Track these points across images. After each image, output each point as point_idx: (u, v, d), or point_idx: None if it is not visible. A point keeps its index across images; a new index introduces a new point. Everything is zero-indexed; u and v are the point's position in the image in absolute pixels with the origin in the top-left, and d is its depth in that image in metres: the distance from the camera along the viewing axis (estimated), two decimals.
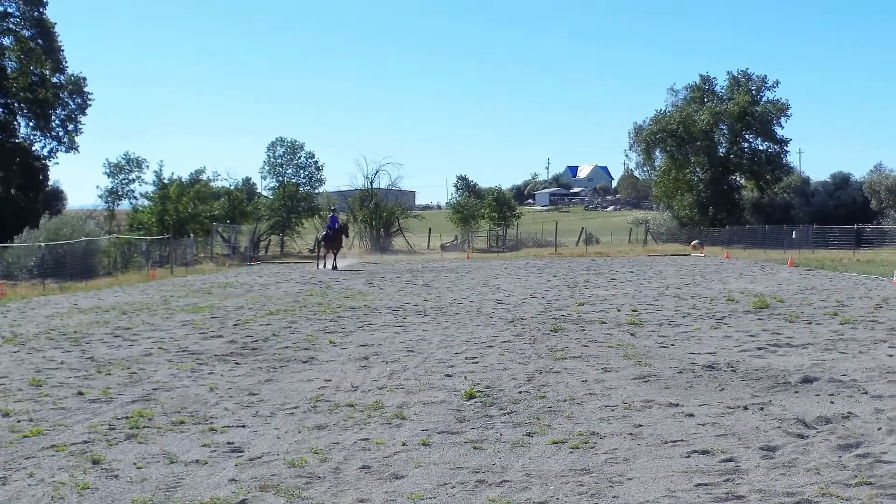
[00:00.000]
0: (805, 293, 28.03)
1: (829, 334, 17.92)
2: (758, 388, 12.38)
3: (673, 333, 18.36)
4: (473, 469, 8.45)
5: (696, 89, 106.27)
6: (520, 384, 12.81)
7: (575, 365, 14.47)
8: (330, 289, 32.25)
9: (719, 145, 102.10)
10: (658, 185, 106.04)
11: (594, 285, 32.93)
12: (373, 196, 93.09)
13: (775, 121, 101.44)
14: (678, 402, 11.49)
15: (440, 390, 12.40)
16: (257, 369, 14.42)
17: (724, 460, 8.67)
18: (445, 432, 9.92)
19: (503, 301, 26.18)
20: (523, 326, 19.77)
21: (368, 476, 8.27)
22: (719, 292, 28.69)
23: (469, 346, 16.84)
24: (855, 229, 73.12)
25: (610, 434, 9.75)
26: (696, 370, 13.82)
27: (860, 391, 12.10)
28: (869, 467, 8.36)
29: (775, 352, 15.74)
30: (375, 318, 21.77)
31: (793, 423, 10.20)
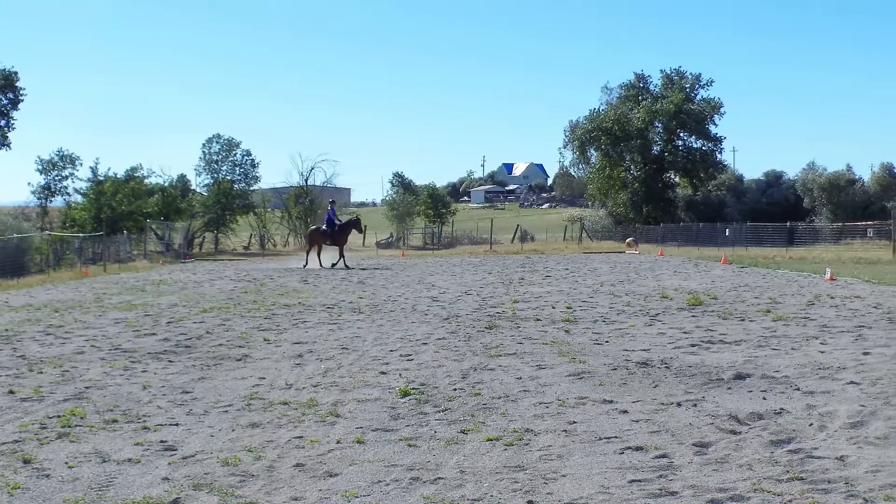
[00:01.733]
0: (738, 290, 28.24)
1: (762, 331, 18.07)
2: (691, 385, 12.47)
3: (607, 330, 18.44)
4: (408, 466, 8.45)
5: (630, 87, 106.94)
6: (454, 381, 12.83)
7: (509, 362, 14.51)
8: (264, 286, 32.17)
9: (654, 143, 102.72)
10: (593, 183, 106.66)
11: (529, 283, 33.02)
12: (308, 193, 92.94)
13: (709, 119, 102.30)
14: (612, 398, 11.54)
15: (375, 388, 12.39)
16: (191, 367, 14.34)
17: (658, 456, 8.72)
18: (380, 430, 9.91)
19: (438, 298, 26.22)
20: (458, 324, 19.80)
21: (302, 474, 8.25)
22: (653, 289, 28.87)
23: (404, 343, 16.84)
24: (788, 227, 73.81)
25: (544, 431, 9.78)
26: (630, 367, 13.89)
27: (792, 387, 12.21)
28: (800, 462, 8.44)
29: (708, 348, 15.87)
30: (310, 315, 21.72)
31: (726, 419, 10.27)
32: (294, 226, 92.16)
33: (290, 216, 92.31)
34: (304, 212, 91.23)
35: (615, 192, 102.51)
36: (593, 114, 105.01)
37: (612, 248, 74.89)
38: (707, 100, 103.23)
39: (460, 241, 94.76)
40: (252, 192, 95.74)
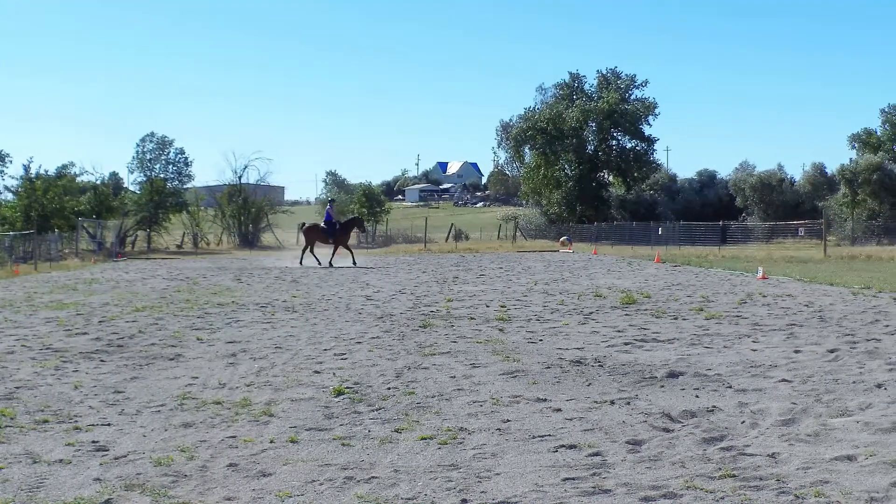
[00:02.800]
0: (671, 289, 28.42)
1: (695, 329, 18.19)
2: (624, 383, 12.52)
3: (541, 329, 18.49)
4: (342, 466, 8.43)
5: (565, 87, 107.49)
6: (388, 380, 12.81)
7: (443, 361, 14.51)
8: (198, 285, 31.99)
9: (588, 143, 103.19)
10: (527, 182, 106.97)
11: (463, 281, 33.07)
12: (241, 191, 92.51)
13: (643, 119, 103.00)
14: (546, 397, 11.57)
15: (308, 387, 12.35)
16: (123, 367, 14.22)
17: (591, 454, 8.75)
18: (314, 429, 9.88)
19: (372, 297, 26.19)
20: (392, 322, 19.78)
21: (236, 474, 8.20)
22: (587, 288, 28.99)
23: (338, 342, 16.80)
24: (720, 226, 74.53)
25: (478, 429, 9.78)
26: (563, 365, 13.93)
27: (724, 385, 12.29)
28: (733, 460, 8.49)
29: (642, 347, 15.95)
30: (243, 314, 21.63)
31: (658, 417, 10.32)
32: (227, 224, 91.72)
33: (224, 214, 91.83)
34: (237, 210, 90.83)
35: (549, 191, 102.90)
36: (528, 113, 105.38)
37: (546, 246, 75.11)
38: (641, 100, 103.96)
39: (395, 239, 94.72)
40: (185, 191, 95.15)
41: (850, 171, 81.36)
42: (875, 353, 14.97)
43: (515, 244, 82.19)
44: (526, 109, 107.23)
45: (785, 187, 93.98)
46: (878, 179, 78.99)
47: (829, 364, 13.95)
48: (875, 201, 79.56)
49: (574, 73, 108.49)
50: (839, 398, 11.33)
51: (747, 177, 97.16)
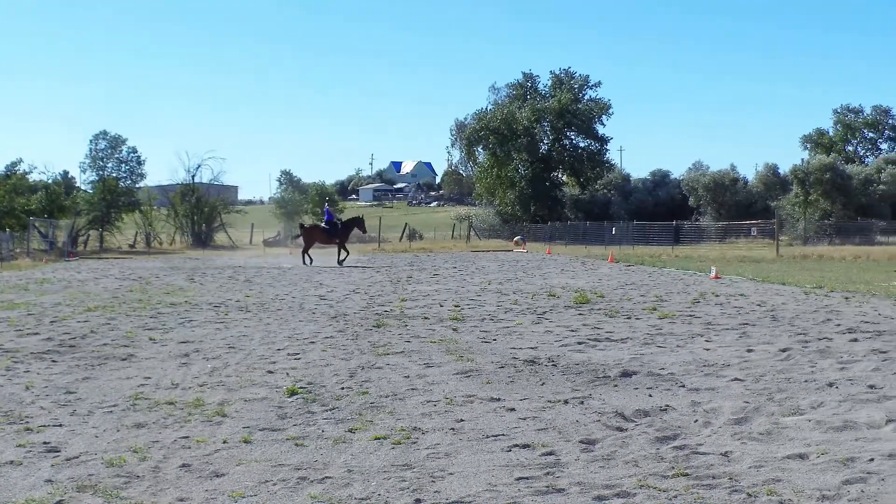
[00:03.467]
0: (625, 288, 28.52)
1: (648, 329, 18.25)
2: (578, 383, 12.54)
3: (495, 328, 18.50)
4: (295, 466, 8.40)
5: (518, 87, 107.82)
6: (342, 380, 12.78)
7: (397, 360, 14.49)
8: (150, 285, 31.83)
9: (541, 142, 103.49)
10: (481, 182, 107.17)
11: (417, 281, 33.07)
12: (194, 191, 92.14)
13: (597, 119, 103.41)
14: (500, 396, 11.57)
15: (262, 387, 12.30)
16: (75, 367, 14.12)
17: (545, 454, 8.75)
18: (267, 429, 9.84)
19: (326, 297, 26.13)
20: (346, 322, 19.75)
21: (188, 474, 8.16)
22: (541, 288, 29.04)
23: (291, 342, 16.74)
24: (673, 226, 74.83)
25: (432, 429, 9.78)
26: (517, 365, 13.94)
27: (677, 384, 12.33)
28: (686, 459, 8.52)
29: (595, 346, 15.98)
30: (196, 314, 21.53)
31: (612, 416, 10.35)
32: (180, 224, 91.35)
33: (177, 214, 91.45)
34: (190, 210, 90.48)
35: (503, 190, 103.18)
36: (481, 113, 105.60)
37: (499, 246, 75.29)
38: (595, 100, 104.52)
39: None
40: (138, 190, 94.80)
41: (803, 171, 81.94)
42: (827, 352, 15.07)
43: (469, 244, 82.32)
44: (479, 109, 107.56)
45: (738, 187, 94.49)
46: (830, 179, 79.59)
47: (781, 363, 14.03)
48: (827, 201, 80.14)
49: (527, 72, 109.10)
50: (791, 397, 11.40)
51: (700, 177, 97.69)
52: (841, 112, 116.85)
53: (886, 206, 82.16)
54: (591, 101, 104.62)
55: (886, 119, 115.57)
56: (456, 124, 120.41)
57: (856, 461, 8.41)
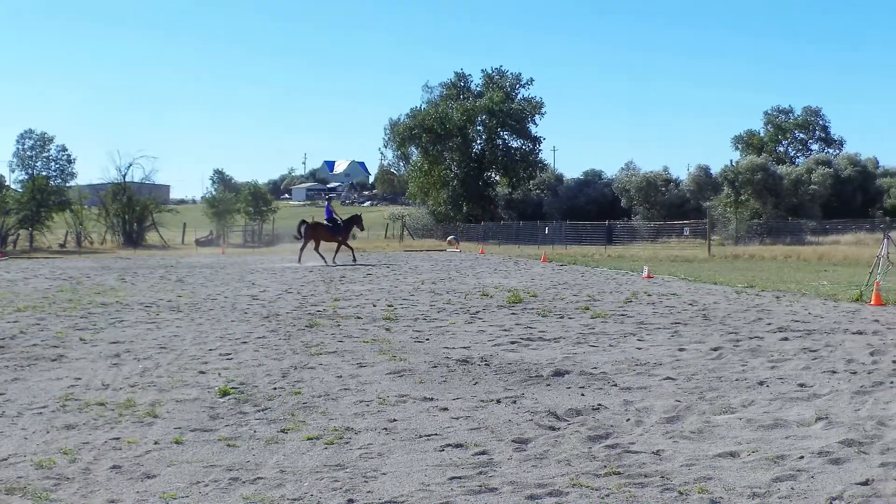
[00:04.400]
0: (558, 288, 28.61)
1: (581, 328, 18.31)
2: (511, 382, 12.56)
3: (428, 328, 18.51)
4: (227, 467, 8.35)
5: (451, 86, 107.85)
6: (274, 380, 12.73)
7: (330, 360, 14.46)
8: (81, 284, 31.55)
9: (475, 142, 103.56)
10: (414, 181, 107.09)
11: (350, 280, 32.99)
12: (126, 190, 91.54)
13: (529, 118, 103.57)
14: (432, 396, 11.57)
15: (193, 387, 12.23)
16: (4, 368, 13.95)
17: (478, 453, 8.76)
18: (198, 430, 9.78)
19: (258, 297, 26.02)
20: (278, 322, 19.68)
21: (119, 476, 8.09)
22: (474, 287, 29.07)
23: (223, 342, 16.66)
24: (606, 226, 75.15)
25: (364, 429, 9.76)
26: (450, 364, 13.94)
27: (610, 383, 12.39)
28: (618, 457, 8.56)
29: (528, 346, 16.01)
30: (128, 314, 21.36)
31: (544, 415, 10.37)
32: (112, 223, 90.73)
33: (108, 213, 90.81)
34: (121, 209, 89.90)
35: (436, 190, 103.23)
36: (415, 111, 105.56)
37: (433, 245, 75.38)
38: (527, 99, 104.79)
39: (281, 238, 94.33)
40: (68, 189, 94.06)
41: (734, 171, 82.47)
42: (757, 350, 15.20)
43: (403, 243, 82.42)
44: (412, 108, 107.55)
45: (670, 188, 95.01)
46: (760, 180, 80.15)
47: (712, 362, 14.13)
48: (758, 202, 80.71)
49: (460, 72, 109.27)
50: (722, 395, 11.48)
51: (632, 177, 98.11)
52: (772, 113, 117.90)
53: (817, 207, 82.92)
54: (523, 100, 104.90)
55: (817, 120, 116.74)
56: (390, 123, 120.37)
57: (786, 459, 8.48)
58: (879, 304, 22.18)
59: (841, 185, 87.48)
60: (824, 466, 8.25)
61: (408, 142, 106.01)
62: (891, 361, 13.98)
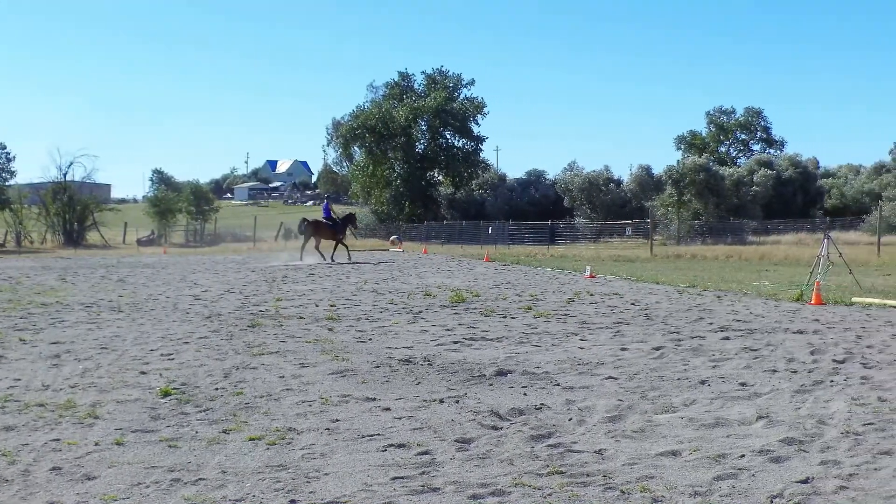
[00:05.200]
0: (500, 288, 28.64)
1: (523, 328, 18.34)
2: (453, 382, 12.57)
3: (370, 328, 18.48)
4: (168, 468, 8.31)
5: (394, 86, 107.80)
6: (216, 381, 12.68)
7: (272, 360, 14.41)
8: (20, 284, 31.29)
9: (417, 142, 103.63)
10: (357, 181, 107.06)
11: (293, 280, 32.90)
12: (66, 189, 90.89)
13: (472, 118, 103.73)
14: (375, 396, 11.56)
15: (135, 388, 12.16)
16: None
17: (420, 453, 8.76)
18: (140, 431, 9.72)
19: (200, 297, 25.90)
20: (220, 322, 19.60)
21: (59, 477, 8.02)
22: (417, 287, 29.06)
23: (165, 342, 16.56)
24: (549, 225, 75.32)
25: (307, 429, 9.73)
26: (392, 364, 13.94)
27: (552, 383, 12.42)
28: (560, 457, 8.58)
29: (471, 345, 16.02)
30: (68, 314, 21.20)
31: (487, 415, 10.38)
32: (52, 222, 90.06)
33: (48, 212, 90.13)
34: (62, 208, 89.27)
35: (379, 189, 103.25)
36: (358, 110, 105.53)
37: (375, 245, 75.24)
38: (470, 99, 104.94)
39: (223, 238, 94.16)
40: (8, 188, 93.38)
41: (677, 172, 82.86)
42: (699, 350, 15.29)
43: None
44: (356, 107, 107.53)
45: (612, 188, 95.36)
46: (703, 180, 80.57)
47: (654, 361, 14.20)
48: (700, 202, 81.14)
49: (403, 71, 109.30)
50: (664, 395, 11.54)
51: (574, 177, 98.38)
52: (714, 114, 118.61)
53: (758, 207, 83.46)
54: (466, 100, 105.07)
55: (758, 121, 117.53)
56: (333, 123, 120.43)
57: (727, 457, 8.54)
58: (820, 304, 22.36)
59: (782, 186, 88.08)
60: (765, 465, 8.31)
61: (351, 141, 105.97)
62: (830, 360, 14.10)
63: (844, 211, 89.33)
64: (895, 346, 15.50)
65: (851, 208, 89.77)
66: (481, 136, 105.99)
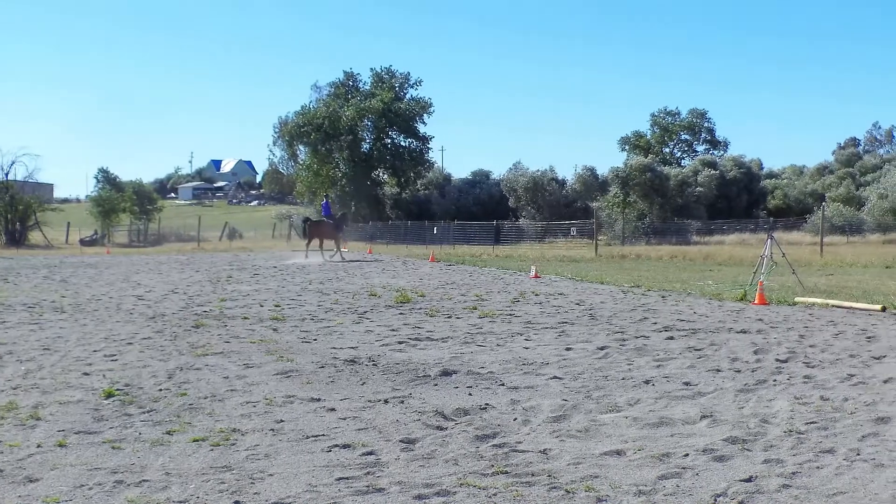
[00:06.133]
0: (446, 288, 28.67)
1: (469, 328, 18.36)
2: (398, 382, 12.56)
3: (315, 328, 18.44)
4: (112, 469, 8.25)
5: (340, 85, 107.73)
6: (160, 381, 12.60)
7: (217, 361, 14.35)
8: None
9: (363, 141, 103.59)
10: (302, 181, 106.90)
11: (237, 280, 32.79)
12: (8, 188, 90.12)
13: (418, 118, 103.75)
14: (320, 396, 11.53)
15: (77, 389, 12.06)
16: None
17: (365, 454, 8.74)
18: (83, 432, 9.64)
19: (144, 297, 25.75)
20: (164, 323, 19.48)
21: (1, 480, 7.94)
22: (362, 287, 29.03)
23: (108, 343, 16.44)
24: (494, 225, 75.42)
25: (251, 430, 9.70)
26: (337, 365, 13.91)
27: (497, 383, 12.43)
28: (505, 457, 8.59)
29: (416, 345, 16.02)
30: (9, 315, 21.01)
31: (432, 415, 10.38)
32: None
33: None
34: (3, 208, 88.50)
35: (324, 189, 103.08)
36: (304, 109, 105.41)
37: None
38: (416, 99, 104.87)
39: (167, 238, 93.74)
40: None
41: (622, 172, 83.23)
42: (643, 350, 15.36)
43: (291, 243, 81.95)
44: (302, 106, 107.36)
45: (557, 188, 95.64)
46: (647, 180, 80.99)
47: (599, 361, 14.25)
48: (645, 202, 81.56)
49: (349, 71, 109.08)
50: (609, 394, 11.58)
51: (520, 177, 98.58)
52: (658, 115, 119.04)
53: (702, 208, 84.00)
54: (412, 100, 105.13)
55: (702, 122, 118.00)
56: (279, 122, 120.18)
57: (671, 456, 8.58)
58: (763, 304, 22.52)
59: (726, 187, 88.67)
60: (709, 464, 8.35)
61: (297, 139, 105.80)
62: (774, 360, 14.20)
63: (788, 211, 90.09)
64: (837, 346, 15.63)
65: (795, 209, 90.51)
66: (427, 135, 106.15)
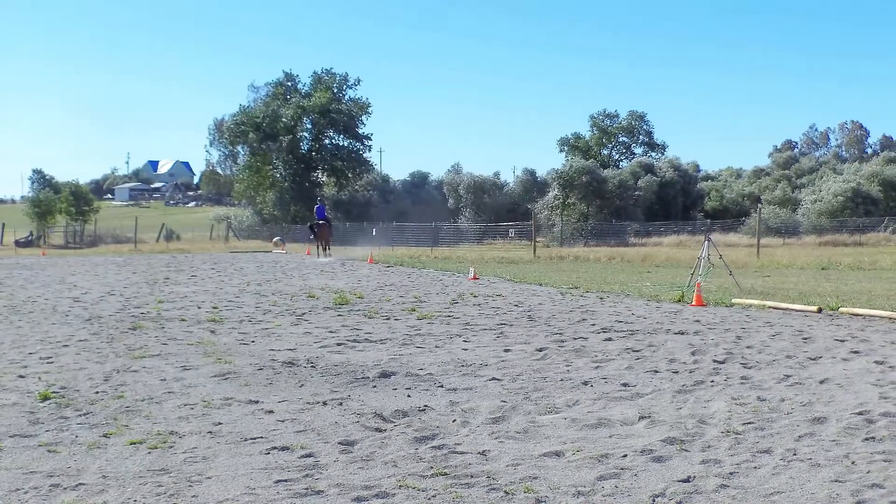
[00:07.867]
0: (384, 289, 28.63)
1: (407, 329, 18.35)
2: (337, 384, 12.54)
3: (253, 330, 18.38)
4: (47, 473, 8.18)
5: (279, 86, 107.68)
6: (97, 384, 12.51)
7: (154, 363, 14.27)
8: None
9: (302, 142, 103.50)
10: (240, 182, 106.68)
11: (175, 282, 32.62)
12: None
13: (357, 119, 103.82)
14: (258, 398, 11.49)
15: (12, 392, 11.95)
16: None
17: (304, 456, 8.72)
18: (18, 436, 9.55)
19: (80, 299, 25.55)
20: (101, 325, 19.35)
21: None
22: (300, 289, 28.96)
23: (44, 345, 16.31)
24: (433, 227, 75.45)
25: (189, 433, 9.64)
26: (276, 367, 13.87)
27: (436, 385, 12.43)
28: (444, 458, 8.59)
29: (354, 347, 16.00)
30: None
31: (371, 417, 10.37)
32: None
33: None
34: None
35: (263, 190, 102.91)
36: (242, 109, 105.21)
37: (259, 247, 74.87)
38: (355, 100, 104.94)
39: (103, 239, 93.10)
40: None
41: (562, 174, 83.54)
42: (582, 351, 15.40)
43: (228, 244, 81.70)
44: (241, 106, 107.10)
45: (497, 190, 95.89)
46: (587, 182, 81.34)
47: (537, 362, 14.27)
48: (584, 204, 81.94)
49: (288, 72, 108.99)
50: (547, 396, 11.61)
51: (459, 179, 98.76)
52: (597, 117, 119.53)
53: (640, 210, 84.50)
54: (351, 101, 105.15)
55: (641, 124, 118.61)
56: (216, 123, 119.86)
57: (610, 457, 8.61)
58: (700, 305, 22.64)
59: (664, 189, 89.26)
60: (647, 464, 8.39)
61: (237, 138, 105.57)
62: (711, 361, 14.28)
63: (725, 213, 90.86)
64: (774, 347, 15.74)
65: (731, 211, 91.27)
66: (367, 135, 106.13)
